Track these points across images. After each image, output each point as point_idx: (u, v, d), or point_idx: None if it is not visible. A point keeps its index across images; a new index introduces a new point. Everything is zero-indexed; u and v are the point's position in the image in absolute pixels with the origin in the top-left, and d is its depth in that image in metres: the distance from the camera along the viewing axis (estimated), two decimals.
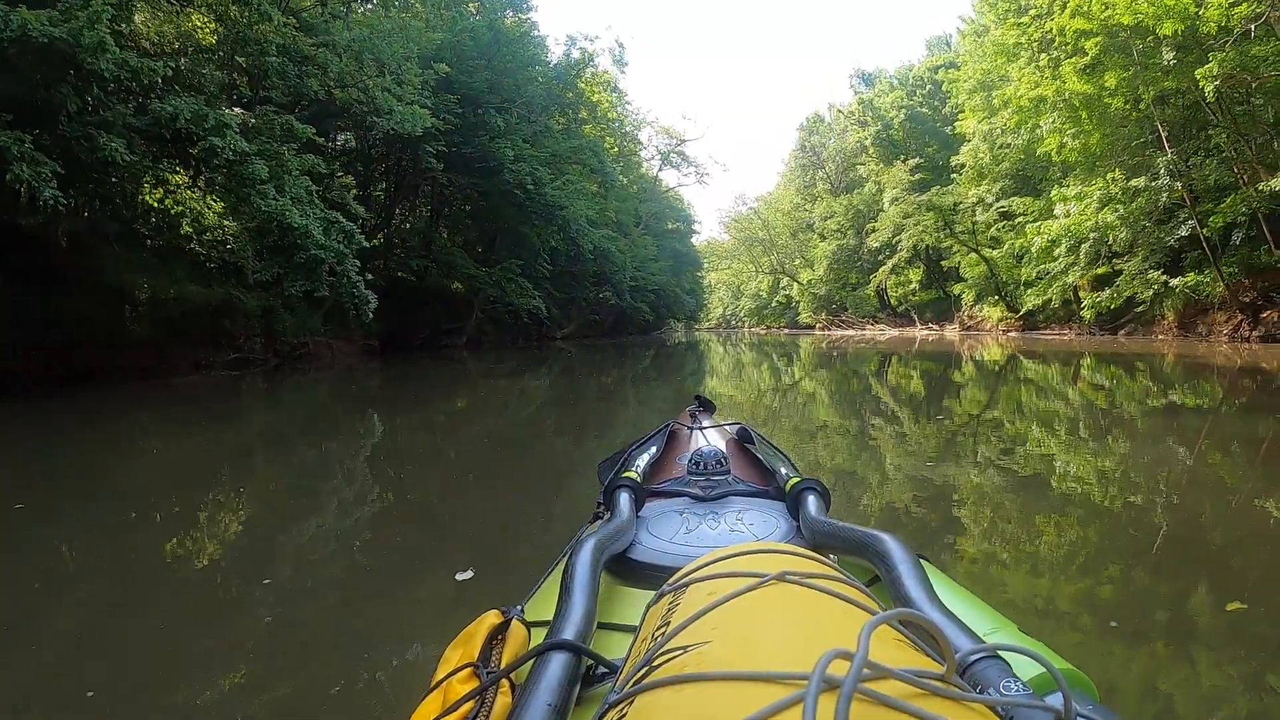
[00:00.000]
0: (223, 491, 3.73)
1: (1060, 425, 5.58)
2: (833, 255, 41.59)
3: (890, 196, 31.16)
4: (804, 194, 51.03)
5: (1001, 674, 0.55)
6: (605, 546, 0.97)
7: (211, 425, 6.47)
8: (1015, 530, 2.76)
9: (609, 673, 0.70)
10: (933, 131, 34.28)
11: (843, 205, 40.52)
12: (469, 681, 0.67)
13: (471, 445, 5.39)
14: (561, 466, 4.45)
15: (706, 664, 0.45)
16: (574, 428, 6.37)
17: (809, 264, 47.06)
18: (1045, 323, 25.14)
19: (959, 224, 27.10)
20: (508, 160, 17.29)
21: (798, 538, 1.11)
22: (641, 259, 34.55)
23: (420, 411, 7.55)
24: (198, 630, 1.95)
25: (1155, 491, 3.37)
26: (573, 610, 0.75)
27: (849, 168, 44.26)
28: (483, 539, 2.84)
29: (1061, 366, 11.67)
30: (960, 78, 24.67)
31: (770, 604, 0.55)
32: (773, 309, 58.43)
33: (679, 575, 0.70)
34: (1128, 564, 2.37)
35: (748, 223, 51.25)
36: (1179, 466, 3.94)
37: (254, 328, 12.45)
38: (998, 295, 26.83)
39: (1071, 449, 4.50)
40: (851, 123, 41.05)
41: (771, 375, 12.66)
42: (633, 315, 35.30)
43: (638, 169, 39.46)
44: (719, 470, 1.45)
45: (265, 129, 11.72)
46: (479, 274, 18.86)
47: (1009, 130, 21.89)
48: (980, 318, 29.46)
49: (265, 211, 10.43)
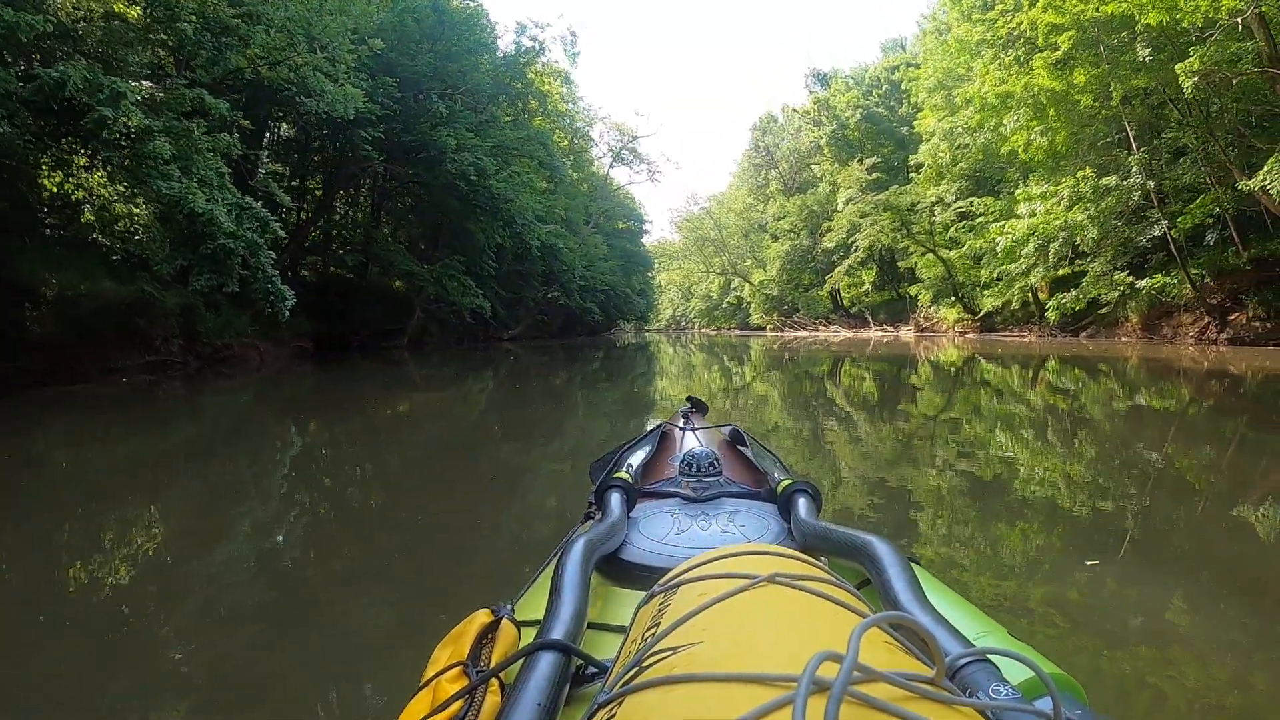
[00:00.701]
0: (126, 515, 3.27)
1: (1032, 429, 5.45)
2: (786, 255, 41.15)
3: (845, 196, 30.75)
4: (756, 194, 50.68)
5: (991, 678, 0.55)
6: (596, 546, 0.96)
7: (123, 436, 5.77)
8: (984, 531, 2.78)
9: (599, 673, 0.69)
10: (889, 132, 34.00)
11: (796, 205, 40.04)
12: (458, 681, 0.66)
13: (405, 457, 4.86)
14: (501, 491, 3.83)
15: (697, 665, 0.45)
16: (520, 435, 5.83)
17: (761, 264, 46.68)
18: (1004, 324, 24.93)
19: (916, 224, 26.68)
20: (450, 149, 15.90)
21: (789, 539, 1.12)
22: (591, 258, 33.75)
23: (350, 421, 6.79)
24: (173, 643, 1.87)
25: (1144, 496, 3.30)
26: (563, 610, 0.74)
27: (803, 168, 43.92)
28: (415, 564, 2.59)
29: (1023, 370, 11.30)
30: (921, 76, 24.27)
31: (761, 606, 0.54)
32: (723, 310, 58.24)
33: (670, 576, 0.69)
34: (1118, 568, 2.34)
35: (699, 222, 50.58)
36: (1161, 469, 3.88)
37: (172, 328, 11.16)
38: (955, 296, 26.54)
39: (1047, 453, 4.41)
40: (806, 122, 40.60)
41: (723, 376, 12.32)
42: (582, 316, 34.43)
43: (589, 167, 38.31)
44: (711, 471, 1.44)
45: (174, 103, 10.27)
46: (419, 271, 17.43)
47: (970, 129, 21.50)
48: (936, 319, 29.21)
49: (168, 195, 9.01)
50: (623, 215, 45.00)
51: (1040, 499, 3.27)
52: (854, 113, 34.96)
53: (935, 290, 27.59)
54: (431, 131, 16.33)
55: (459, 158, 15.77)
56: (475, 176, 16.01)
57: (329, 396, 9.26)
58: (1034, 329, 22.79)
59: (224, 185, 9.57)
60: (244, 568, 2.52)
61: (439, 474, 4.25)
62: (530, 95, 24.80)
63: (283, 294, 10.00)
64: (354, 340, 17.77)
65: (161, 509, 3.37)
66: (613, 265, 37.33)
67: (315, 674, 1.72)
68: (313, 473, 4.28)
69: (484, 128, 18.99)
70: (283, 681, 1.69)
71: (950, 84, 22.27)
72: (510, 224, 18.08)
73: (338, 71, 13.00)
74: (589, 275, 32.83)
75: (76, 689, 1.65)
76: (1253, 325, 15.25)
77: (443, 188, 17.01)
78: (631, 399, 8.73)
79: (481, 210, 17.61)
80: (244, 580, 2.40)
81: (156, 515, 3.24)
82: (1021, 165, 21.93)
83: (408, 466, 4.42)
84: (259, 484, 3.93)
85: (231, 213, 9.33)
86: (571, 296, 31.32)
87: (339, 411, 7.46)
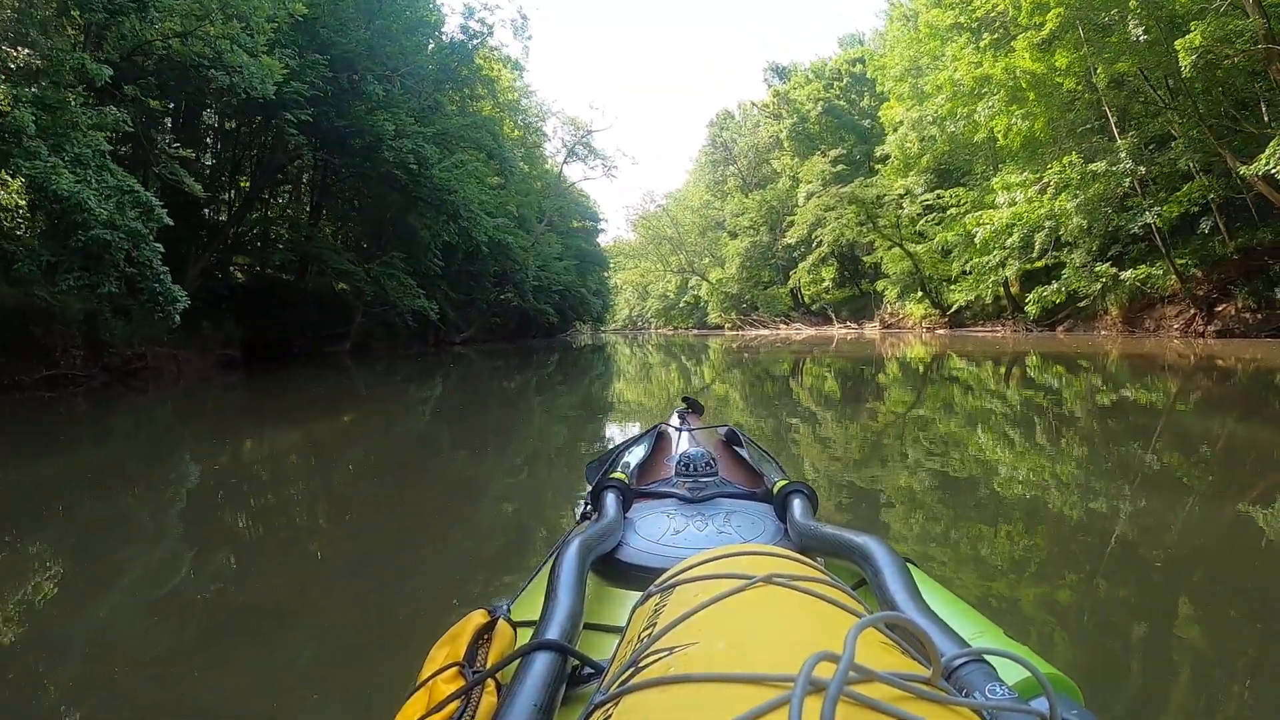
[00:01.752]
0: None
1: (1020, 428, 5.31)
2: (745, 253, 40.23)
3: (806, 190, 29.82)
4: (714, 190, 49.78)
5: (987, 678, 0.54)
6: (592, 547, 0.96)
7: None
8: (977, 531, 2.73)
9: (595, 673, 0.69)
10: (851, 125, 33.15)
11: (756, 201, 39.07)
12: (454, 681, 0.66)
13: (342, 478, 4.30)
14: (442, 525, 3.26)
15: (693, 665, 0.45)
16: (472, 448, 5.31)
17: (719, 263, 45.78)
18: (974, 320, 24.26)
19: (883, 218, 25.77)
20: (387, 136, 14.15)
21: (785, 540, 1.12)
22: (546, 257, 32.51)
23: (282, 438, 6.01)
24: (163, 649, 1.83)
25: (1140, 495, 3.16)
26: (559, 610, 0.74)
27: (762, 163, 43.01)
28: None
29: (1001, 367, 10.78)
30: (888, 63, 23.39)
31: (757, 606, 0.54)
32: (680, 309, 57.60)
33: (666, 576, 0.69)
34: (1114, 568, 2.32)
35: (656, 220, 49.39)
36: (1154, 468, 3.77)
37: (73, 337, 9.74)
38: (922, 291, 25.75)
39: (1036, 453, 4.32)
40: (766, 116, 39.62)
41: (681, 377, 11.98)
42: (537, 317, 32.99)
43: (542, 164, 36.72)
44: (707, 472, 1.43)
45: (52, 69, 8.63)
46: (354, 270, 15.73)
47: (941, 118, 20.68)
48: (903, 315, 28.47)
49: (29, 175, 7.39)
50: (578, 213, 43.58)
51: (1035, 499, 3.22)
52: (815, 105, 34.04)
53: (902, 285, 26.78)
54: (368, 116, 14.54)
55: (397, 145, 14.08)
56: (415, 165, 14.30)
57: (246, 413, 8.09)
58: (1008, 323, 22.11)
59: (104, 166, 7.91)
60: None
61: (364, 503, 3.64)
62: (478, 81, 23.17)
63: (173, 294, 8.34)
64: (293, 346, 16.38)
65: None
66: (568, 265, 36.19)
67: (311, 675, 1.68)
68: (201, 505, 3.64)
69: (426, 114, 17.36)
70: (278, 683, 1.65)
71: (918, 73, 21.41)
72: (455, 217, 16.30)
73: (256, 44, 11.38)
74: (543, 275, 32.18)
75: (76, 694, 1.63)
76: (1242, 316, 14.64)
77: (382, 179, 15.29)
78: (590, 403, 8.33)
79: (424, 203, 15.87)
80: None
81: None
82: (990, 156, 21.25)
83: (329, 491, 3.90)
84: (144, 519, 3.35)
85: (110, 198, 7.68)
86: (525, 297, 30.32)
87: (256, 430, 6.48)
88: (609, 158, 35.29)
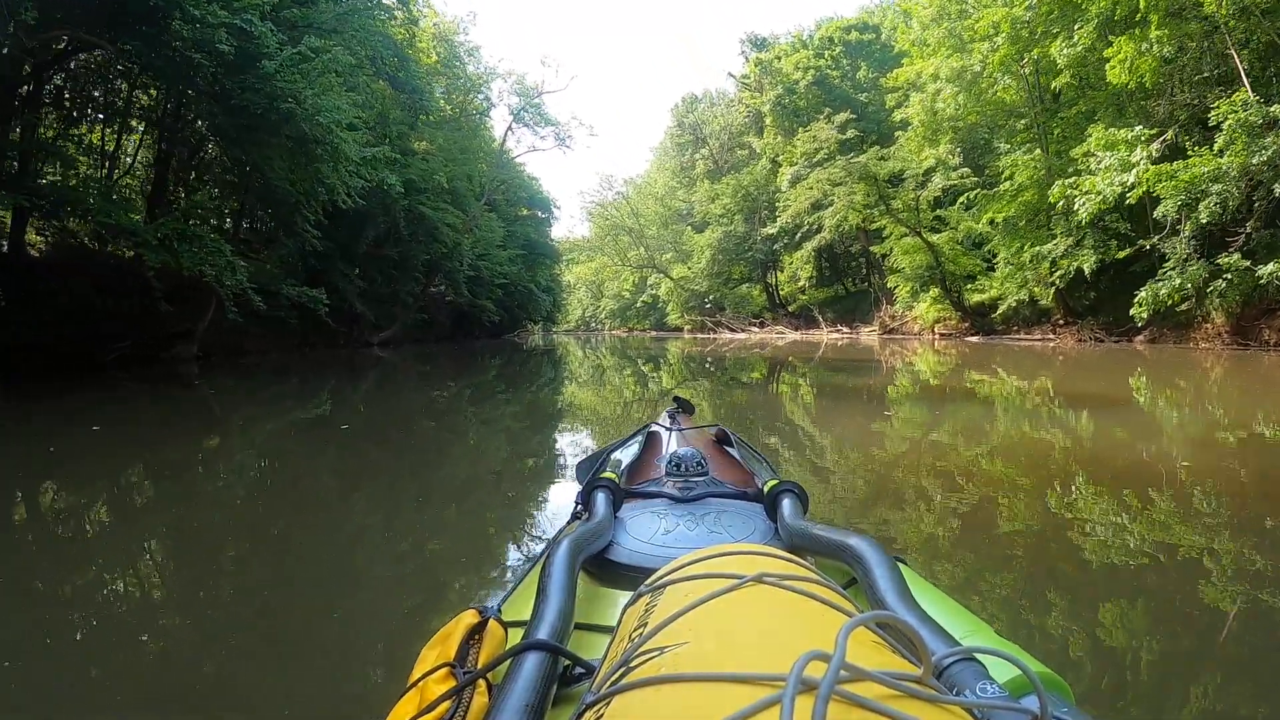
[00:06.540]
0: None
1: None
2: (718, 244, 35.54)
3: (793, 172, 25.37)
4: (680, 177, 45.06)
5: (977, 676, 0.55)
6: (583, 546, 0.95)
7: None
8: (989, 535, 2.63)
9: (586, 673, 0.69)
10: (844, 99, 28.58)
11: (730, 186, 34.29)
12: (445, 681, 0.66)
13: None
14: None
15: (684, 665, 0.45)
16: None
17: (683, 258, 41.10)
18: (1006, 325, 20.04)
19: (897, 198, 21.23)
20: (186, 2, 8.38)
21: (775, 539, 1.09)
22: (485, 243, 27.25)
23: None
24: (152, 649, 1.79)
25: (1135, 495, 3.01)
26: (550, 610, 0.74)
27: (735, 146, 38.39)
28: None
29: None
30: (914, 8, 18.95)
31: (748, 605, 0.54)
32: (637, 310, 53.38)
33: (657, 576, 0.69)
34: (1107, 567, 2.26)
35: (614, 210, 44.39)
36: (1151, 467, 3.58)
37: None
38: (942, 289, 21.37)
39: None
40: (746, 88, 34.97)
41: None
42: (476, 315, 27.74)
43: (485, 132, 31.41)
44: (697, 471, 1.40)
45: None
46: (128, 224, 9.79)
47: (990, 69, 16.33)
48: (909, 318, 24.16)
49: None
50: (526, 199, 38.30)
51: (1049, 505, 3.01)
52: (804, 75, 29.49)
53: (919, 282, 22.35)
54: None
55: (201, 11, 8.51)
56: (229, 48, 8.54)
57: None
58: (1063, 330, 17.85)
59: None
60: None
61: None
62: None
63: None
64: (110, 352, 10.97)
65: None
66: (513, 255, 30.92)
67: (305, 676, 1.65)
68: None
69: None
70: (271, 684, 1.62)
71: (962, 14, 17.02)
72: (302, 141, 10.34)
73: None
74: (483, 264, 26.89)
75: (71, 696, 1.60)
76: None
77: (180, 74, 9.40)
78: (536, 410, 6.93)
79: (261, 122, 9.89)
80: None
81: None
82: (1011, 131, 17.10)
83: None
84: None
85: None
86: (460, 290, 25.02)
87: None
88: (562, 125, 30.04)
